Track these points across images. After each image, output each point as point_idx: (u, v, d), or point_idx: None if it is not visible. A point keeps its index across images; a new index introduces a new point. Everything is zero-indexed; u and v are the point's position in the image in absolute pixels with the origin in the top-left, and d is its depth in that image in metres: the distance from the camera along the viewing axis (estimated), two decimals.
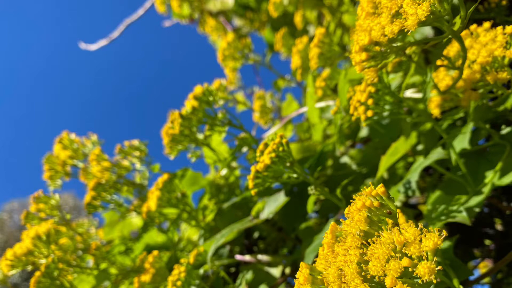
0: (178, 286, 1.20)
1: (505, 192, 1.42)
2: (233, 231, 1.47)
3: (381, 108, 0.99)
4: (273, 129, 2.19)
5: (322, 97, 1.73)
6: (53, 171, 2.04)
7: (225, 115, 1.55)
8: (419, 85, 1.32)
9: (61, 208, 1.98)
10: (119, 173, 1.93)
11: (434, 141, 1.30)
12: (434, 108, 1.14)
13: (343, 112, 1.34)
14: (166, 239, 2.01)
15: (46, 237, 1.66)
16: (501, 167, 0.99)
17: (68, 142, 2.06)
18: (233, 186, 1.98)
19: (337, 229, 0.69)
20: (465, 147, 1.02)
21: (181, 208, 1.67)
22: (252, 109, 2.63)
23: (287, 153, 1.03)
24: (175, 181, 1.66)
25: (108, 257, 1.86)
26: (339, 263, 0.61)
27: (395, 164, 1.48)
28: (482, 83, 0.98)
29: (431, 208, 1.08)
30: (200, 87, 1.48)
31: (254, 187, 1.06)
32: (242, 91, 2.87)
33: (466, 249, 1.52)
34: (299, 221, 1.63)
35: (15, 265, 1.61)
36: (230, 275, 1.82)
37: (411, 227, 0.56)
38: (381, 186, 0.64)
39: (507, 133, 1.07)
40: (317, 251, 0.72)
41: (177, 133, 1.51)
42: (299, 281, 0.67)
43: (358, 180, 1.55)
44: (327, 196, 1.11)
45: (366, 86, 0.98)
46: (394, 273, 0.54)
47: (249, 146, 1.68)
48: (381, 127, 1.49)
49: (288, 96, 2.42)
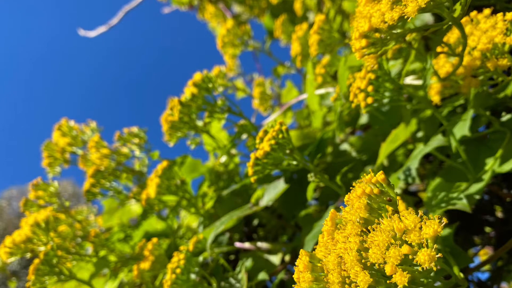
0: (177, 274, 1.20)
1: (506, 179, 1.42)
2: (233, 218, 1.47)
3: (381, 95, 0.99)
4: (272, 116, 2.18)
5: (322, 84, 1.73)
6: (52, 158, 2.03)
7: (225, 102, 1.55)
8: (419, 72, 1.31)
9: (60, 195, 1.98)
10: (118, 160, 1.92)
11: (434, 128, 1.30)
12: (434, 95, 1.14)
13: (343, 99, 1.33)
14: (166, 226, 2.01)
15: (45, 224, 1.66)
16: (501, 154, 0.98)
17: (67, 129, 2.06)
18: (233, 173, 1.98)
19: (337, 217, 0.69)
20: (465, 134, 1.02)
21: (180, 195, 1.66)
22: (251, 96, 2.63)
23: (286, 140, 1.03)
24: (174, 168, 1.66)
25: (107, 245, 1.86)
26: (339, 250, 0.61)
27: (395, 151, 1.48)
28: (482, 70, 0.97)
29: (431, 195, 1.08)
30: (199, 74, 1.48)
31: (254, 174, 1.06)
32: (241, 78, 2.86)
33: (466, 236, 1.52)
34: (298, 208, 1.63)
35: (14, 253, 1.61)
36: (229, 263, 1.82)
37: (411, 214, 0.56)
38: (381, 173, 0.64)
39: (508, 120, 1.06)
40: (317, 239, 0.72)
41: (177, 120, 1.51)
42: (299, 269, 0.67)
43: (358, 167, 1.55)
44: (327, 183, 1.10)
45: (366, 73, 0.98)
46: (394, 261, 0.54)
47: (248, 133, 1.68)
48: (381, 114, 1.49)
49: (288, 83, 2.41)
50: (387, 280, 0.55)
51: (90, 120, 2.13)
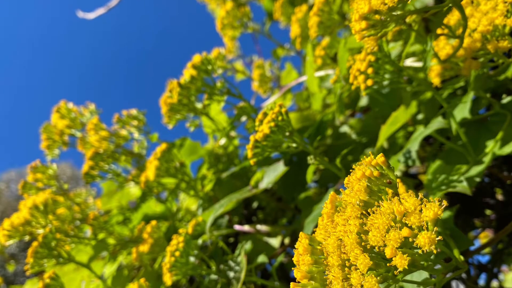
0: (176, 256, 1.20)
1: (506, 161, 1.42)
2: (232, 201, 1.47)
3: (381, 77, 0.98)
4: (272, 98, 2.17)
5: (321, 66, 1.72)
6: (51, 140, 2.03)
7: (224, 84, 1.54)
8: (419, 54, 1.31)
9: (58, 178, 1.98)
10: (117, 143, 1.92)
11: (434, 110, 1.29)
12: (434, 77, 1.13)
13: (342, 81, 1.33)
14: (165, 209, 2.01)
15: (43, 207, 1.66)
16: (501, 137, 0.98)
17: (65, 112, 2.05)
18: (232, 156, 1.97)
19: (336, 199, 0.69)
20: (465, 117, 1.01)
21: (179, 177, 1.66)
22: (251, 78, 2.62)
23: (286, 122, 1.02)
24: (173, 150, 1.66)
25: (106, 227, 1.86)
26: (338, 233, 0.61)
27: (395, 134, 1.47)
28: (482, 52, 0.97)
29: (432, 178, 1.08)
30: (198, 56, 1.47)
31: (253, 156, 1.05)
32: (241, 60, 2.86)
33: (467, 219, 1.51)
34: (298, 191, 1.63)
35: (13, 235, 1.61)
36: (229, 245, 1.82)
37: (411, 197, 0.56)
38: (381, 155, 0.64)
39: (508, 102, 1.06)
40: (317, 221, 0.72)
41: (176, 102, 1.50)
42: (299, 251, 0.67)
43: (358, 149, 1.55)
44: (327, 165, 1.10)
45: (366, 55, 0.97)
46: (394, 243, 0.54)
47: (248, 115, 1.68)
48: (381, 96, 1.48)
49: (287, 65, 2.40)
50: (387, 263, 0.55)
51: (89, 102, 2.12)
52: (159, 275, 1.60)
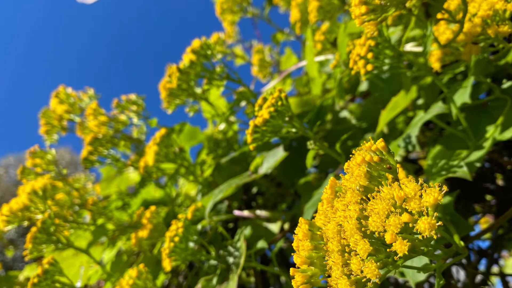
0: (176, 242, 1.20)
1: (506, 146, 1.41)
2: (232, 186, 1.47)
3: (381, 62, 0.98)
4: (272, 83, 2.17)
5: (321, 51, 1.72)
6: (50, 125, 2.03)
7: (223, 69, 1.54)
8: (419, 38, 1.30)
9: (57, 163, 1.98)
10: (116, 128, 1.92)
11: (434, 95, 1.29)
12: (434, 62, 1.13)
13: (342, 66, 1.32)
14: (164, 194, 2.01)
15: (42, 192, 1.66)
16: (502, 122, 0.98)
17: (64, 97, 2.05)
18: (232, 141, 1.97)
19: (336, 184, 0.69)
20: (466, 101, 1.01)
21: (179, 163, 1.66)
22: (250, 63, 2.62)
23: (286, 107, 1.02)
24: (173, 135, 1.65)
25: (105, 213, 1.86)
26: (338, 218, 0.61)
27: (395, 119, 1.47)
28: (483, 37, 0.96)
29: (432, 163, 1.08)
30: (198, 40, 1.47)
31: (253, 141, 1.05)
32: (240, 45, 2.85)
33: (467, 205, 1.51)
34: (298, 176, 1.63)
35: (11, 221, 1.61)
36: (228, 231, 1.82)
37: (411, 182, 0.55)
38: (381, 140, 0.63)
39: (508, 87, 1.06)
40: (316, 207, 0.72)
41: (175, 87, 1.50)
42: (298, 237, 0.67)
43: (357, 134, 1.55)
44: (327, 151, 1.10)
45: (365, 39, 0.96)
46: (394, 229, 0.53)
47: (247, 100, 1.67)
48: (381, 81, 1.48)
49: (287, 50, 2.39)
50: (387, 248, 0.55)
51: (88, 87, 2.12)
52: (158, 261, 1.60)
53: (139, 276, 1.30)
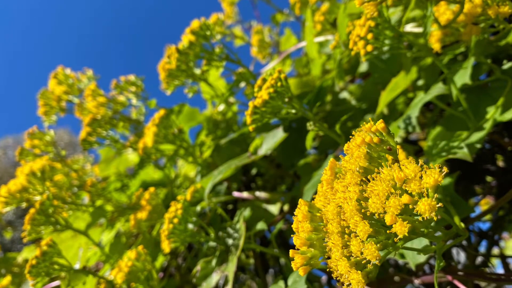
0: (175, 223, 1.19)
1: (507, 127, 1.41)
2: (231, 167, 1.47)
3: (381, 42, 0.97)
4: (271, 64, 2.16)
5: (321, 32, 1.71)
6: (48, 106, 2.03)
7: (223, 49, 1.53)
8: (420, 19, 1.30)
9: (56, 144, 1.98)
10: (115, 109, 1.91)
11: (434, 76, 1.29)
12: (434, 43, 1.12)
13: (342, 46, 1.32)
14: (163, 176, 2.01)
15: (40, 173, 1.66)
16: (502, 103, 0.97)
17: (63, 77, 2.04)
18: (231, 122, 1.97)
19: (336, 166, 0.68)
20: (466, 82, 1.01)
21: (178, 144, 1.66)
22: (250, 44, 2.61)
23: (285, 88, 1.01)
24: (172, 116, 1.65)
25: (104, 194, 1.86)
26: (338, 200, 0.60)
27: (395, 100, 1.47)
28: (483, 17, 0.96)
29: (432, 144, 1.07)
30: (197, 21, 1.46)
31: (252, 122, 1.05)
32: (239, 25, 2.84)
33: (467, 186, 1.51)
34: (297, 157, 1.63)
35: (9, 202, 1.61)
36: (227, 212, 1.82)
37: (412, 164, 0.55)
38: (381, 121, 0.63)
39: (509, 68, 1.05)
40: (316, 188, 0.72)
41: (174, 68, 1.49)
42: (298, 218, 0.67)
43: (357, 115, 1.54)
44: (326, 132, 1.09)
45: (365, 20, 0.96)
46: (394, 210, 0.53)
47: (247, 81, 1.67)
48: (381, 62, 1.47)
49: (287, 31, 2.38)
50: (387, 230, 0.55)
51: (87, 68, 2.11)
52: (157, 242, 1.60)
53: (138, 257, 1.30)
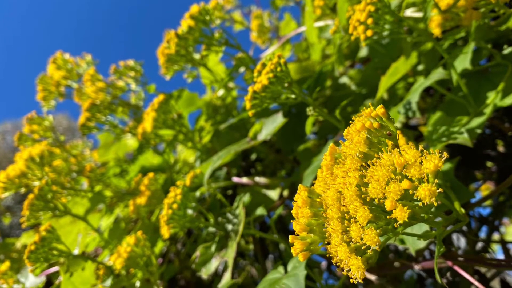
0: (174, 209, 1.19)
1: (507, 113, 1.41)
2: (230, 152, 1.47)
3: (381, 27, 0.97)
4: (271, 49, 2.16)
5: (320, 16, 1.71)
6: (47, 91, 2.02)
7: (222, 34, 1.52)
8: (420, 4, 1.29)
9: (55, 129, 1.98)
10: (114, 94, 1.91)
11: (435, 61, 1.28)
12: (435, 28, 1.12)
13: (342, 31, 1.32)
14: (162, 161, 2.01)
15: (39, 159, 1.65)
16: (503, 88, 0.97)
17: (62, 62, 2.04)
18: (230, 107, 1.97)
19: (336, 151, 0.68)
20: (466, 67, 1.00)
21: (177, 129, 1.65)
22: (249, 29, 2.60)
23: (285, 73, 1.01)
24: (171, 102, 1.64)
25: (103, 179, 1.86)
26: (338, 185, 0.60)
27: (395, 85, 1.47)
28: (483, 2, 0.96)
29: (432, 130, 1.07)
30: (196, 6, 1.45)
31: (252, 108, 1.05)
32: (239, 10, 2.83)
33: (468, 171, 1.51)
34: (297, 142, 1.63)
35: (8, 188, 1.61)
36: (227, 198, 1.83)
37: (412, 149, 0.55)
38: (381, 107, 0.63)
39: (509, 53, 1.05)
40: (316, 173, 0.71)
41: (173, 53, 1.49)
42: (298, 204, 0.66)
43: (357, 100, 1.54)
44: (326, 117, 1.09)
45: (365, 5, 0.95)
46: (394, 196, 0.53)
47: (246, 66, 1.66)
48: (381, 47, 1.47)
49: (286, 15, 2.38)
50: (387, 215, 0.55)
51: (86, 53, 2.11)
52: (157, 228, 1.60)
53: (137, 243, 1.30)
